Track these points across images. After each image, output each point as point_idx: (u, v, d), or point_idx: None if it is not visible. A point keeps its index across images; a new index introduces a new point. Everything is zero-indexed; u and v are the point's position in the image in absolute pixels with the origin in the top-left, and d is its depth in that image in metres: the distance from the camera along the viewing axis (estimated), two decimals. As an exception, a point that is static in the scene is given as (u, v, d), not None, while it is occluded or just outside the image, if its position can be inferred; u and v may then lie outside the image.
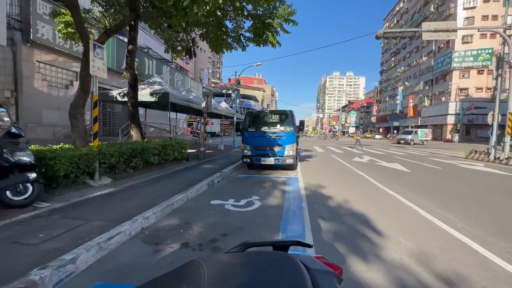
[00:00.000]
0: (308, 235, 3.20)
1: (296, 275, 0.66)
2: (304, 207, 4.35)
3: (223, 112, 16.17)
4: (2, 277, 2.04)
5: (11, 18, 8.24)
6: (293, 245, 0.91)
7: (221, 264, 0.75)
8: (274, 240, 0.92)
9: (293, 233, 3.27)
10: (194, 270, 0.74)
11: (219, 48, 7.29)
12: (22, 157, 3.49)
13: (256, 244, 0.90)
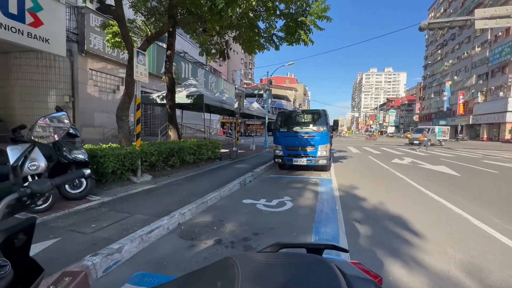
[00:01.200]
0: (342, 238, 3.07)
1: (332, 280, 0.64)
2: (338, 209, 4.20)
3: (255, 113, 16.32)
4: (63, 259, 2.31)
5: (69, 31, 9.30)
6: (327, 248, 0.88)
7: (255, 263, 0.76)
8: (308, 242, 0.90)
9: (326, 236, 3.18)
10: (228, 267, 0.76)
11: (251, 49, 7.38)
12: (78, 155, 3.93)
13: (289, 245, 0.89)
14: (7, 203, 0.81)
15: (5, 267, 0.82)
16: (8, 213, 0.84)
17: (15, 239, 0.90)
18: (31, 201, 0.90)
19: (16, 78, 9.24)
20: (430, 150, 17.29)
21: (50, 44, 7.33)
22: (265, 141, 17.20)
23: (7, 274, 0.83)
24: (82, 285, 0.99)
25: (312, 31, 6.13)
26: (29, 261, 0.96)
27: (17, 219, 0.90)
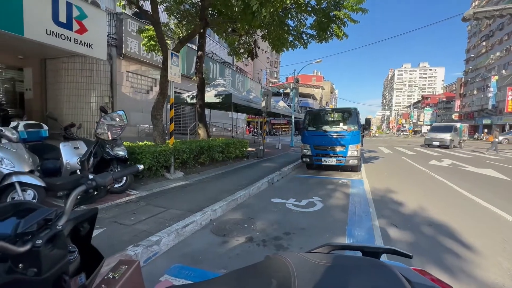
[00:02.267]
0: (378, 243, 2.93)
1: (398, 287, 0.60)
2: (371, 212, 4.02)
3: (281, 111, 16.20)
4: (109, 248, 2.49)
5: (109, 37, 9.98)
6: (387, 253, 0.83)
7: (309, 263, 0.75)
8: (364, 245, 0.85)
9: (361, 239, 3.06)
10: (281, 266, 0.75)
11: (280, 47, 7.33)
12: (119, 151, 4.21)
13: (342, 247, 0.86)
14: (77, 194, 0.89)
15: (74, 253, 0.90)
16: (76, 204, 0.92)
17: (81, 227, 0.98)
18: (96, 193, 0.98)
19: (64, 81, 10.14)
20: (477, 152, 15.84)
21: (93, 49, 7.94)
22: (291, 140, 17.02)
23: (75, 259, 0.90)
24: (136, 273, 1.05)
25: (347, 24, 5.90)
26: (91, 249, 1.05)
27: (82, 209, 0.98)
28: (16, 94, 10.91)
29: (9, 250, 0.63)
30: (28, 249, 0.68)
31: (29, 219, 0.75)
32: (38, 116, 10.14)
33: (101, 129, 0.95)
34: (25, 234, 0.72)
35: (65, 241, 0.83)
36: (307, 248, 2.82)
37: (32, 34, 6.51)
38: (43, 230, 0.75)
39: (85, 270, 0.96)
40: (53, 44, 6.97)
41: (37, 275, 0.70)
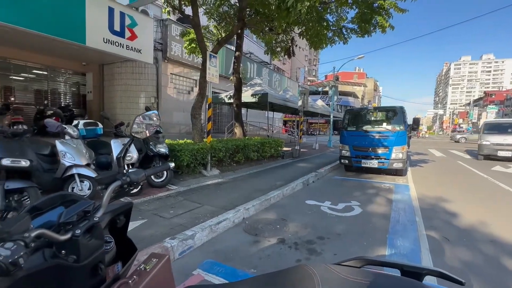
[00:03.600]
0: (425, 257, 2.64)
1: None
2: (418, 221, 3.64)
3: (319, 111, 15.70)
4: (149, 238, 2.67)
5: (156, 42, 10.76)
6: (431, 275, 0.72)
7: (336, 277, 0.68)
8: (403, 263, 0.74)
9: (405, 250, 2.78)
10: (306, 277, 0.70)
11: (318, 44, 7.08)
12: (161, 148, 4.51)
13: (376, 262, 0.76)
14: (113, 189, 0.95)
15: (110, 243, 0.96)
16: (113, 198, 0.98)
17: (118, 219, 1.04)
18: (130, 188, 1.04)
19: (118, 84, 11.24)
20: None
21: (141, 54, 8.63)
22: (329, 140, 16.39)
23: (111, 249, 0.97)
24: (166, 267, 1.09)
25: (392, 15, 5.43)
26: (126, 240, 1.11)
27: (119, 203, 1.05)
28: (80, 96, 12.44)
29: (51, 238, 0.70)
30: (69, 237, 0.74)
31: (70, 210, 0.82)
32: (96, 115, 11.44)
33: (139, 127, 1.04)
34: (67, 223, 0.79)
35: (101, 232, 0.89)
36: (342, 255, 2.66)
37: (92, 43, 7.34)
38: (82, 221, 0.81)
39: (121, 260, 1.02)
40: (109, 51, 7.76)
41: (76, 262, 0.76)
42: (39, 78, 11.02)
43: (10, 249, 0.59)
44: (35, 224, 0.78)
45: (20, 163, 2.76)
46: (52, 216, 0.85)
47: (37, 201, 0.85)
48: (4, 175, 2.72)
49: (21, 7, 5.93)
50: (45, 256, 0.74)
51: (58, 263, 0.74)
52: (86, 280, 0.81)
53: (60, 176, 3.35)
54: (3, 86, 9.72)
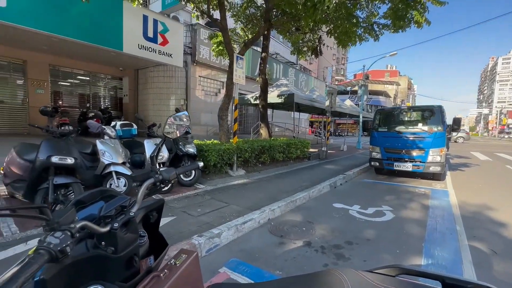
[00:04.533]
0: (468, 270, 2.41)
1: None
2: (459, 230, 3.34)
3: (348, 111, 15.15)
4: (178, 235, 2.78)
5: (185, 46, 11.21)
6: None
7: (369, 285, 0.65)
8: (444, 274, 0.67)
9: (443, 261, 2.57)
10: (336, 283, 0.68)
11: (347, 42, 6.85)
12: (189, 148, 4.67)
13: (413, 272, 0.71)
14: (146, 186, 1.01)
15: (144, 237, 1.02)
16: (146, 194, 1.04)
17: (150, 215, 1.10)
18: (162, 185, 1.10)
19: (151, 87, 11.90)
20: None
21: (172, 58, 9.06)
22: (358, 141, 15.74)
23: (145, 243, 1.02)
24: (194, 263, 1.12)
25: (428, 9, 5.06)
26: (158, 235, 1.17)
27: (151, 199, 1.11)
28: (117, 99, 13.39)
29: (93, 230, 0.75)
30: (108, 230, 0.80)
31: (109, 205, 0.88)
32: (131, 117, 12.22)
33: (170, 128, 1.10)
34: (106, 217, 0.86)
35: (136, 226, 0.94)
36: (372, 262, 2.54)
37: (128, 49, 7.86)
38: (120, 215, 0.87)
39: (153, 254, 1.08)
40: (143, 56, 8.26)
41: (114, 253, 0.82)
42: (83, 83, 12.07)
43: (59, 238, 0.65)
44: (79, 216, 0.85)
45: (66, 161, 3.04)
46: (93, 210, 0.92)
47: (80, 195, 0.93)
48: (53, 171, 3.01)
49: (67, 19, 6.54)
50: (87, 246, 0.81)
51: (98, 253, 0.80)
52: (122, 271, 0.86)
53: (99, 173, 3.63)
54: (53, 91, 10.80)
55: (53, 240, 0.64)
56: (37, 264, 0.58)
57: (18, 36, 7.37)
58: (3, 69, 9.50)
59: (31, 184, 2.96)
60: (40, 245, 0.62)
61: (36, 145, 3.11)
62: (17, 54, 9.24)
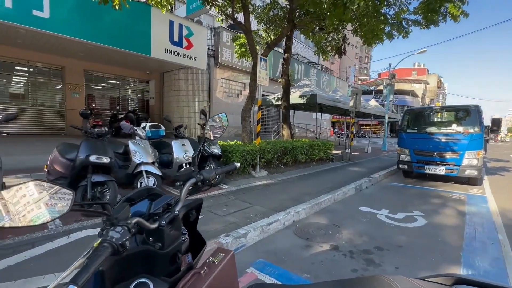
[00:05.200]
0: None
1: None
2: (502, 240, 3.09)
3: (372, 111, 14.61)
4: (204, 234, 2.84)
5: (208, 49, 11.46)
6: None
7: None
8: (505, 286, 0.62)
9: (485, 273, 2.39)
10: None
11: (374, 40, 6.62)
12: (214, 149, 4.77)
13: (473, 282, 0.66)
14: (189, 185, 1.05)
15: (185, 235, 1.06)
16: (188, 194, 1.08)
17: (190, 214, 1.14)
18: (202, 185, 1.14)
19: (175, 89, 12.31)
20: None
21: (196, 61, 9.31)
22: (383, 143, 15.13)
23: (186, 240, 1.06)
24: (231, 262, 1.14)
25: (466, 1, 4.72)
26: (196, 233, 1.21)
27: (191, 199, 1.15)
28: (144, 102, 14.01)
29: (144, 226, 0.80)
30: (156, 227, 0.84)
31: (158, 203, 0.93)
32: (157, 119, 12.73)
33: (206, 129, 1.13)
34: (155, 214, 0.90)
35: (180, 224, 0.98)
36: (405, 270, 2.43)
37: (156, 53, 8.20)
38: (166, 213, 0.91)
39: (191, 251, 1.12)
40: (169, 60, 8.58)
41: (161, 249, 0.86)
42: (113, 87, 12.79)
43: (119, 233, 0.69)
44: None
45: (102, 160, 3.23)
46: (141, 207, 0.98)
47: (130, 193, 0.99)
48: (91, 169, 3.22)
49: (101, 27, 6.97)
50: (137, 241, 0.86)
51: (147, 248, 0.84)
52: (166, 266, 0.90)
53: (131, 172, 3.82)
54: (87, 94, 11.54)
55: (114, 234, 0.68)
56: (103, 256, 0.62)
57: (58, 44, 7.99)
58: (44, 75, 10.33)
59: (72, 181, 3.18)
60: (104, 239, 0.67)
61: (76, 145, 3.35)
62: (56, 61, 10.01)
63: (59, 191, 0.71)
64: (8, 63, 9.37)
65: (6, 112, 3.14)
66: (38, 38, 7.41)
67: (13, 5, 5.71)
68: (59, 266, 2.10)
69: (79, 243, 2.53)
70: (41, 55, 9.52)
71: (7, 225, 0.63)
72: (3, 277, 1.95)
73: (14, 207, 0.66)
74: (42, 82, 10.36)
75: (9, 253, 2.26)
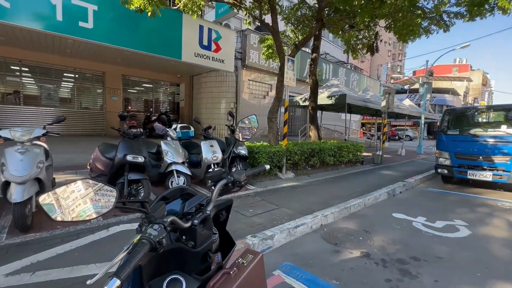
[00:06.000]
0: None
1: None
2: None
3: (407, 111, 13.73)
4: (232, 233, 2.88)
5: (236, 51, 11.65)
6: None
7: None
8: None
9: (543, 293, 2.12)
10: None
11: (409, 35, 6.22)
12: (241, 150, 4.83)
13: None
14: (220, 186, 1.07)
15: (215, 235, 1.08)
16: (219, 195, 1.10)
17: (220, 214, 1.16)
18: (233, 186, 1.15)
19: (204, 91, 12.70)
20: None
21: (224, 63, 9.52)
22: (419, 145, 14.13)
23: (216, 240, 1.08)
24: (259, 264, 1.14)
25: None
26: (225, 234, 1.22)
27: (221, 199, 1.17)
28: (174, 104, 14.65)
29: (179, 225, 0.83)
30: (189, 226, 0.87)
31: (190, 203, 0.96)
32: (187, 120, 13.24)
33: (237, 131, 1.15)
34: (188, 213, 0.93)
35: (211, 223, 1.01)
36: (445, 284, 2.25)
37: (186, 57, 8.54)
38: (198, 213, 0.94)
39: (220, 251, 1.13)
40: (198, 63, 8.89)
41: (193, 248, 0.88)
42: (147, 90, 13.56)
43: (157, 230, 0.73)
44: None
45: (138, 159, 3.43)
46: (174, 206, 1.02)
47: (165, 192, 1.04)
48: (128, 168, 3.44)
49: (137, 34, 7.43)
50: (171, 239, 0.89)
51: (180, 246, 0.87)
52: (198, 265, 0.93)
53: (163, 171, 4.01)
54: (124, 98, 12.39)
55: (152, 232, 0.72)
56: (142, 252, 0.66)
57: (99, 51, 8.70)
58: (87, 80, 11.30)
59: (111, 179, 3.42)
60: (143, 236, 0.71)
61: (115, 145, 3.60)
62: (98, 67, 10.90)
63: (102, 188, 0.76)
64: (59, 71, 10.42)
65: (56, 114, 3.51)
66: (83, 47, 8.14)
67: (63, 18, 6.32)
68: (99, 257, 2.27)
69: (117, 237, 2.71)
70: (85, 62, 10.44)
71: (59, 218, 0.70)
72: (53, 264, 2.16)
73: (64, 201, 0.72)
74: (86, 87, 11.34)
75: (58, 243, 2.50)
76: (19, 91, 9.80)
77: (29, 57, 9.43)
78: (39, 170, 2.64)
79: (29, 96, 10.05)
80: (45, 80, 10.28)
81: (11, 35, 7.34)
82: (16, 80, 9.76)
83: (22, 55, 9.27)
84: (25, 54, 9.26)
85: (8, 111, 9.37)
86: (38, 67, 9.95)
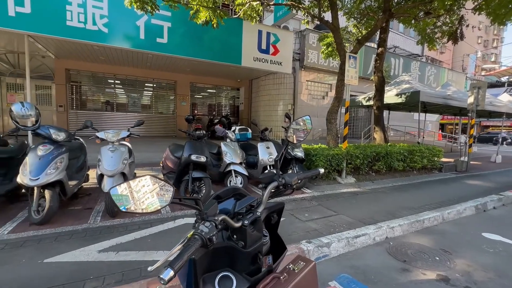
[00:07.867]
0: None
1: None
2: None
3: (504, 109, 11.18)
4: (285, 237, 2.85)
5: (294, 52, 11.55)
6: None
7: None
8: None
9: None
10: None
11: (508, 16, 5.07)
12: (297, 152, 4.74)
13: None
14: (271, 188, 1.06)
15: (266, 237, 1.07)
16: (270, 197, 1.09)
17: (272, 217, 1.15)
18: (284, 189, 1.13)
19: (262, 94, 13.01)
20: None
21: (282, 66, 9.54)
22: (523, 151, 11.32)
23: (267, 243, 1.07)
24: (312, 273, 1.08)
25: None
26: (277, 237, 1.20)
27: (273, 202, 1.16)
28: (234, 107, 15.45)
29: (229, 224, 0.85)
30: (240, 225, 0.88)
31: (242, 203, 0.98)
32: (245, 122, 13.78)
33: (289, 132, 1.13)
34: (239, 213, 0.95)
35: (262, 225, 1.01)
36: None
37: (246, 62, 8.90)
38: (248, 213, 0.95)
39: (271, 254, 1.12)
40: (257, 67, 9.14)
41: (243, 248, 0.89)
42: (210, 95, 14.70)
43: (208, 228, 0.76)
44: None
45: (201, 159, 3.74)
46: (227, 205, 1.05)
47: (219, 191, 1.09)
48: (192, 167, 3.77)
49: (202, 44, 8.12)
50: (223, 237, 0.92)
51: (231, 244, 0.89)
52: (248, 265, 0.93)
53: (222, 171, 4.25)
54: (192, 103, 13.72)
55: (204, 228, 0.76)
56: (194, 247, 0.70)
57: (172, 63, 9.87)
58: (163, 88, 12.96)
59: (178, 176, 3.82)
60: (196, 232, 0.75)
61: (182, 145, 4.00)
62: (171, 77, 12.39)
63: (165, 185, 0.84)
64: (141, 81, 12.33)
65: (138, 118, 4.17)
66: (159, 59, 9.40)
67: (145, 36, 7.39)
68: (167, 245, 2.55)
69: (181, 228, 3.00)
70: (161, 73, 12.02)
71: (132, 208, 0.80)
72: (132, 247, 2.52)
73: (136, 194, 0.82)
74: (161, 94, 13.04)
75: (136, 229, 2.91)
76: (113, 100, 11.97)
77: (120, 72, 11.44)
78: (124, 165, 3.14)
79: (120, 104, 12.18)
80: (131, 90, 12.33)
81: (109, 54, 9.01)
82: (111, 91, 11.99)
83: (116, 71, 11.31)
84: (118, 70, 11.26)
85: (105, 116, 11.53)
86: (127, 79, 11.97)
